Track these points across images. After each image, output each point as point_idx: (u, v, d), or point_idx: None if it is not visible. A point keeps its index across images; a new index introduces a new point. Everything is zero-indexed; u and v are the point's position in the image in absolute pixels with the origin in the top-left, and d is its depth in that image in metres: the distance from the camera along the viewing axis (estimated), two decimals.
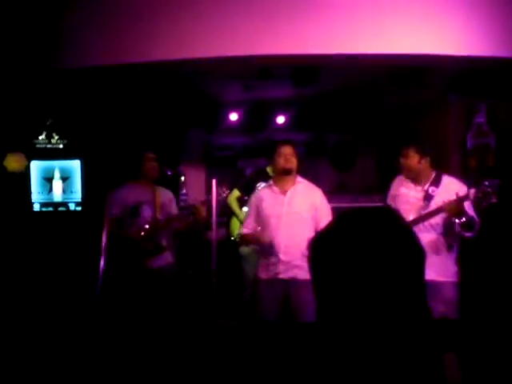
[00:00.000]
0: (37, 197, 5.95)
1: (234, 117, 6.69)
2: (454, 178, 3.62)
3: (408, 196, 3.62)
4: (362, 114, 6.75)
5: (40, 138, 5.90)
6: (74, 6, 4.06)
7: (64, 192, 6.00)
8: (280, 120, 6.76)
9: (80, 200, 5.99)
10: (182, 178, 6.81)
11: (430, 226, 3.49)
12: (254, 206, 3.79)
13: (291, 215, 3.63)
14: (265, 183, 4.20)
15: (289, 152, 3.72)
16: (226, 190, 4.39)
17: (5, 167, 5.54)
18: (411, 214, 3.49)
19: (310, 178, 3.91)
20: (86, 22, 4.05)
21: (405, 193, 3.64)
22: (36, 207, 5.96)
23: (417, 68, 4.58)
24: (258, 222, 3.73)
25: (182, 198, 6.32)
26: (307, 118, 6.69)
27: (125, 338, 3.74)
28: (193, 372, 3.42)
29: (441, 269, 3.38)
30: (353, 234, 1.00)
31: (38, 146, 5.90)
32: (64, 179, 6.00)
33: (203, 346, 4.01)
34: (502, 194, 3.22)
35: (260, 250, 3.77)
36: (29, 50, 4.04)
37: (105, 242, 3.88)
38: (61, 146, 5.96)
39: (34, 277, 4.97)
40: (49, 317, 4.35)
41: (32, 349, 3.75)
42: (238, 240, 4.78)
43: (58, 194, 5.99)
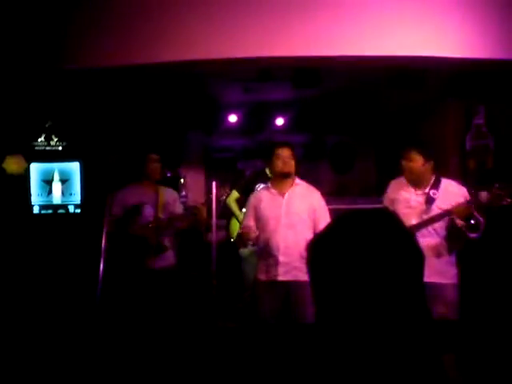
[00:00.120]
0: (36, 199, 5.94)
1: (233, 118, 6.70)
2: (452, 181, 3.61)
3: (409, 200, 3.55)
4: (361, 116, 6.76)
5: (39, 140, 5.89)
6: (79, 7, 4.06)
7: (63, 194, 5.99)
8: (279, 122, 6.77)
9: (79, 202, 5.99)
10: (182, 180, 6.81)
11: (434, 230, 3.46)
12: (252, 208, 3.76)
13: (290, 217, 3.60)
14: (264, 184, 4.20)
15: (287, 154, 3.66)
16: (228, 191, 4.41)
17: (4, 169, 5.53)
18: (413, 217, 3.45)
19: (309, 180, 3.88)
20: (92, 22, 4.05)
21: (405, 196, 3.57)
22: (35, 210, 5.95)
23: (415, 70, 4.59)
24: (256, 224, 3.70)
25: (182, 200, 6.32)
26: (306, 120, 6.70)
27: (125, 339, 3.73)
28: (193, 373, 3.42)
29: (442, 271, 3.39)
30: (351, 237, 1.00)
31: (37, 148, 5.90)
32: (63, 181, 5.99)
33: (203, 348, 4.01)
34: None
35: (258, 252, 3.75)
36: (34, 50, 4.03)
37: (105, 243, 3.88)
38: (60, 148, 5.96)
39: (34, 279, 4.96)
40: (49, 319, 4.34)
41: (33, 350, 3.75)
42: (240, 251, 4.80)
43: (57, 197, 5.98)
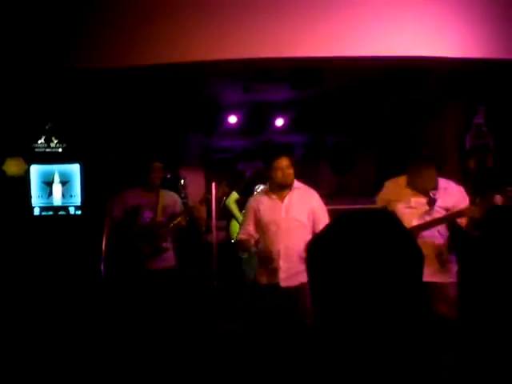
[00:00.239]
0: (37, 201, 5.95)
1: (233, 119, 6.69)
2: (449, 180, 3.58)
3: (409, 200, 3.52)
4: (361, 116, 6.76)
5: (39, 142, 5.90)
6: (80, 7, 4.06)
7: (64, 196, 6.00)
8: (279, 122, 6.77)
9: (80, 204, 5.99)
10: (182, 181, 6.81)
11: (437, 230, 3.45)
12: (251, 212, 3.71)
13: (290, 221, 3.57)
14: (263, 185, 4.18)
15: (285, 164, 3.58)
16: (224, 188, 4.43)
17: (4, 171, 5.54)
18: (414, 218, 3.43)
19: (308, 181, 3.87)
20: (96, 24, 4.05)
21: (405, 197, 3.54)
22: (36, 211, 5.96)
23: (414, 71, 4.59)
24: (255, 228, 3.68)
25: (183, 201, 6.32)
26: (306, 120, 6.70)
27: (126, 340, 3.74)
28: (193, 374, 3.42)
29: (443, 270, 3.41)
30: (350, 237, 1.00)
31: (37, 150, 5.91)
32: (63, 183, 6.00)
33: (203, 349, 4.01)
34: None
35: (258, 256, 3.72)
36: (40, 49, 4.03)
37: (105, 245, 3.90)
38: (60, 149, 5.97)
39: (35, 281, 4.96)
40: (50, 321, 4.34)
41: (34, 351, 3.75)
42: (240, 252, 4.79)
43: (57, 198, 5.99)
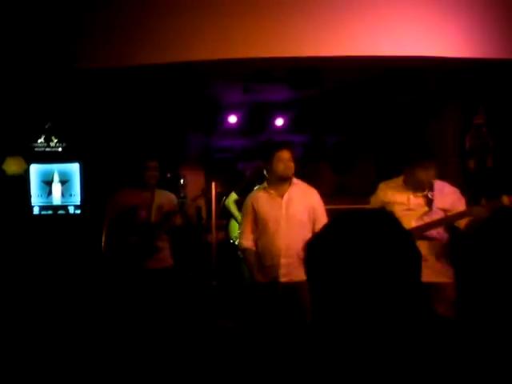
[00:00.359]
0: (36, 200, 5.95)
1: (233, 119, 6.69)
2: (444, 182, 3.57)
3: (407, 203, 3.50)
4: (361, 117, 6.75)
5: (39, 141, 5.90)
6: (80, 9, 4.06)
7: (63, 195, 6.00)
8: (279, 122, 6.77)
9: (79, 203, 5.99)
10: (182, 181, 6.80)
11: (436, 231, 3.44)
12: (250, 212, 3.69)
13: (290, 218, 3.57)
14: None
15: (287, 157, 3.59)
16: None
17: (4, 170, 5.54)
18: (412, 220, 3.41)
19: (308, 181, 3.85)
20: (96, 24, 4.05)
21: (402, 199, 3.51)
22: (35, 210, 5.95)
23: (415, 70, 4.59)
24: (255, 225, 3.67)
25: (182, 201, 6.31)
26: (306, 120, 6.70)
27: (125, 339, 3.73)
28: (192, 374, 3.42)
29: (442, 271, 3.42)
30: (349, 236, 1.00)
31: (36, 149, 5.91)
32: (63, 182, 6.00)
33: (203, 348, 4.01)
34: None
35: (258, 254, 3.68)
36: (36, 49, 4.03)
37: (103, 245, 3.90)
38: (60, 149, 5.97)
39: (34, 280, 4.96)
40: (49, 319, 4.34)
41: (33, 350, 3.75)
42: (239, 252, 4.77)
43: (57, 198, 5.99)
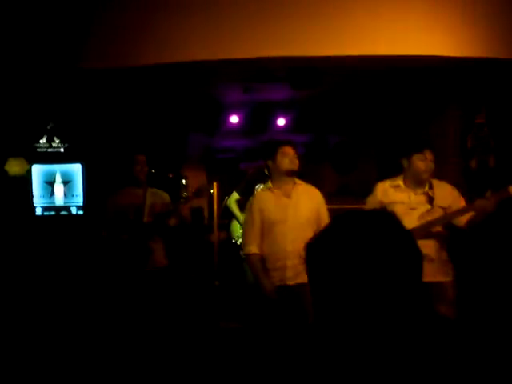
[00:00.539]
0: (38, 201, 5.95)
1: (234, 119, 6.69)
2: (441, 181, 3.56)
3: (408, 202, 3.48)
4: (363, 116, 6.75)
5: (41, 141, 5.91)
6: (80, 10, 4.06)
7: (65, 196, 6.00)
8: (281, 122, 6.77)
9: (82, 204, 6.00)
10: (184, 181, 6.80)
11: (440, 229, 3.43)
12: (257, 214, 3.58)
13: (297, 219, 3.51)
14: (263, 185, 4.14)
15: (291, 152, 3.58)
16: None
17: (6, 171, 5.55)
18: (414, 218, 3.39)
19: (311, 180, 3.82)
20: (99, 24, 4.06)
21: (403, 198, 3.49)
22: (38, 211, 5.96)
23: (416, 70, 4.59)
24: (261, 226, 3.57)
25: (183, 202, 6.31)
26: (308, 120, 6.70)
27: (125, 341, 3.74)
28: (194, 375, 3.42)
29: (443, 270, 3.42)
30: (349, 236, 1.00)
31: (39, 149, 5.91)
32: (65, 183, 6.00)
33: (205, 349, 4.01)
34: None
35: (264, 257, 3.58)
36: (38, 50, 4.03)
37: (102, 246, 3.92)
38: (62, 149, 5.98)
39: (37, 281, 4.97)
40: (50, 320, 4.35)
41: (33, 350, 3.76)
42: (241, 252, 4.74)
43: (59, 198, 5.99)
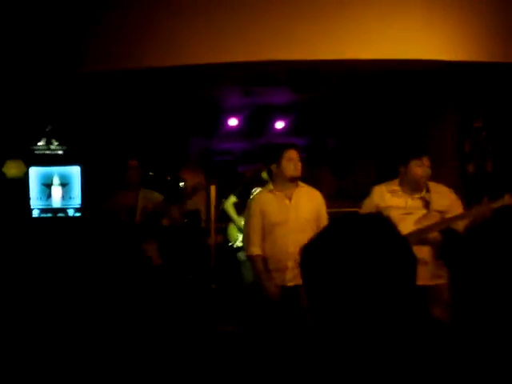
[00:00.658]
0: (36, 203, 5.94)
1: (233, 122, 6.70)
2: (439, 184, 3.55)
3: (404, 207, 3.46)
4: (361, 120, 6.76)
5: (39, 144, 5.91)
6: (80, 11, 4.06)
7: (63, 198, 5.99)
8: (279, 125, 6.78)
9: (79, 206, 5.98)
10: (182, 184, 6.81)
11: (435, 234, 3.40)
12: (258, 216, 3.56)
13: (298, 220, 3.50)
14: (260, 188, 4.12)
15: (295, 156, 3.54)
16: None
17: (4, 173, 5.54)
18: (411, 223, 3.37)
19: (309, 184, 3.79)
20: (98, 27, 4.05)
21: (399, 203, 3.47)
22: (35, 213, 5.95)
23: (414, 74, 4.60)
24: (261, 228, 3.56)
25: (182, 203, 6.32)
26: (306, 123, 6.70)
27: (122, 342, 3.73)
28: (191, 378, 3.41)
29: (438, 273, 3.41)
30: (345, 240, 1.00)
31: (37, 152, 5.91)
32: (63, 185, 5.99)
33: (202, 352, 4.00)
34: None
35: (266, 258, 3.58)
36: (37, 53, 4.03)
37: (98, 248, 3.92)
38: (60, 152, 5.98)
39: (34, 283, 4.96)
40: (48, 322, 4.34)
41: (31, 352, 3.74)
42: (239, 254, 4.73)
43: (57, 200, 5.98)
